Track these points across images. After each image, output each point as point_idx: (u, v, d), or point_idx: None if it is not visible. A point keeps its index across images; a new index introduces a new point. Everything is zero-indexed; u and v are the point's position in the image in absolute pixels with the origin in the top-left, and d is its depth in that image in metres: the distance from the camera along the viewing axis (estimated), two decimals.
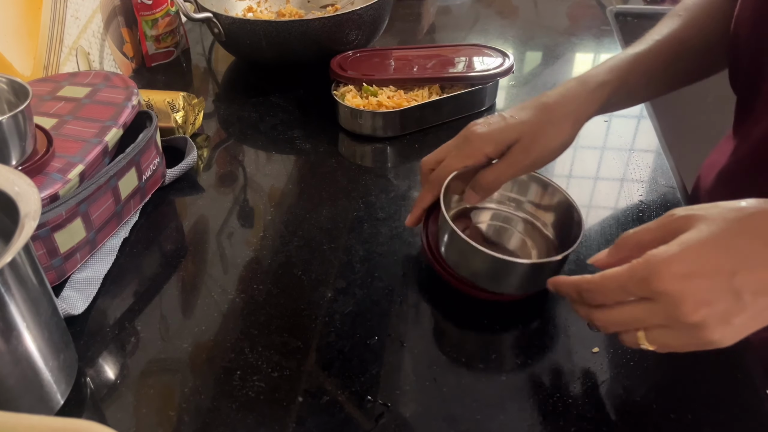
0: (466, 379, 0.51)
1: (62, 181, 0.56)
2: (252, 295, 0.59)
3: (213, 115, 0.90)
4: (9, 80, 0.57)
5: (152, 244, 0.65)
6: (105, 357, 0.53)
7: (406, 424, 0.47)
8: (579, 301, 0.47)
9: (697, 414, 0.48)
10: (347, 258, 0.63)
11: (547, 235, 0.62)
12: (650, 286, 0.40)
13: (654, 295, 0.40)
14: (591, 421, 0.47)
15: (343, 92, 0.85)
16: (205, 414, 0.48)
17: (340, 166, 0.78)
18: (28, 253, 0.43)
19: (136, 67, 1.02)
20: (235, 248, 0.65)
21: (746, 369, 0.51)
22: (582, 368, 0.51)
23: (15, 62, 0.74)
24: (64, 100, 0.67)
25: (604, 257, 0.47)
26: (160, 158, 0.70)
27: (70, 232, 0.56)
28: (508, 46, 1.08)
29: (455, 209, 0.63)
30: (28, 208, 0.42)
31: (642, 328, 0.42)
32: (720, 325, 0.39)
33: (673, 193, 0.71)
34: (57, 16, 0.82)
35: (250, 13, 1.09)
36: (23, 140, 0.55)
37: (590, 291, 0.45)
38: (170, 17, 1.00)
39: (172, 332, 0.55)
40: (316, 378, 0.51)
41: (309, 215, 0.69)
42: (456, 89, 0.85)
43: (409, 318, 0.56)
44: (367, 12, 0.91)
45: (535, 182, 0.62)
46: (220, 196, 0.73)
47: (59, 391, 0.48)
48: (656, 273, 0.40)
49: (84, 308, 0.56)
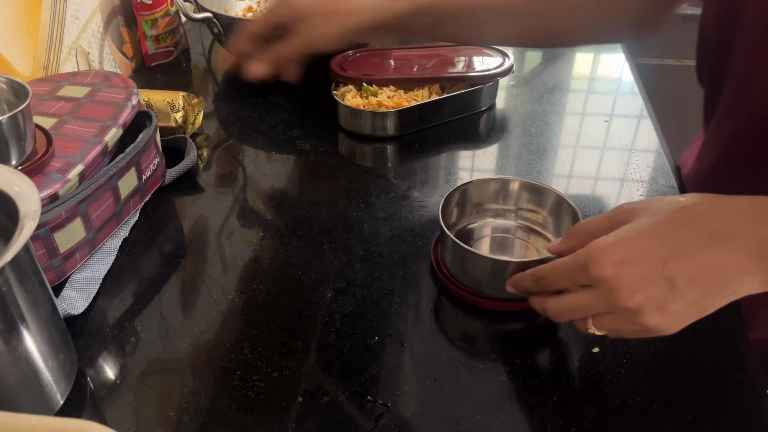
0: (466, 379, 0.51)
1: (62, 181, 0.56)
2: (252, 295, 0.59)
3: (213, 115, 0.90)
4: (9, 80, 0.57)
5: (152, 244, 0.65)
6: (105, 357, 0.53)
7: (406, 424, 0.47)
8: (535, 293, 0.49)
9: (697, 414, 0.48)
10: (347, 258, 0.63)
11: (547, 236, 0.62)
12: (589, 273, 0.42)
13: (593, 281, 0.42)
14: (591, 421, 0.47)
15: (343, 92, 0.85)
16: (205, 414, 0.48)
17: (340, 166, 0.78)
18: (27, 253, 0.43)
19: (135, 67, 1.02)
20: (235, 248, 0.65)
21: (746, 369, 0.51)
22: (582, 368, 0.51)
23: (15, 62, 0.74)
24: (64, 100, 0.67)
25: (557, 244, 0.50)
26: (160, 158, 0.70)
27: (69, 232, 0.56)
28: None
29: (456, 228, 0.64)
30: (28, 208, 0.42)
31: (590, 315, 0.44)
32: (656, 311, 0.41)
33: (673, 193, 0.71)
34: (57, 16, 0.82)
35: (250, 13, 1.09)
36: (23, 140, 0.55)
37: (543, 278, 0.47)
38: (170, 17, 1.00)
39: (172, 332, 0.55)
40: (316, 378, 0.51)
41: (309, 215, 0.69)
42: (456, 89, 0.85)
43: (409, 318, 0.56)
44: None
45: (526, 189, 0.63)
46: (220, 196, 0.73)
47: (59, 391, 0.48)
48: (594, 260, 0.42)
49: (84, 308, 0.56)
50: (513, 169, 0.77)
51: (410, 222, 0.67)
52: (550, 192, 0.61)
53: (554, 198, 0.61)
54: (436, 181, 0.75)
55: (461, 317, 0.57)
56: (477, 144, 0.82)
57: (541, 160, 0.78)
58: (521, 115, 0.88)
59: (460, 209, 0.64)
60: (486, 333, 0.55)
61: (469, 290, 0.57)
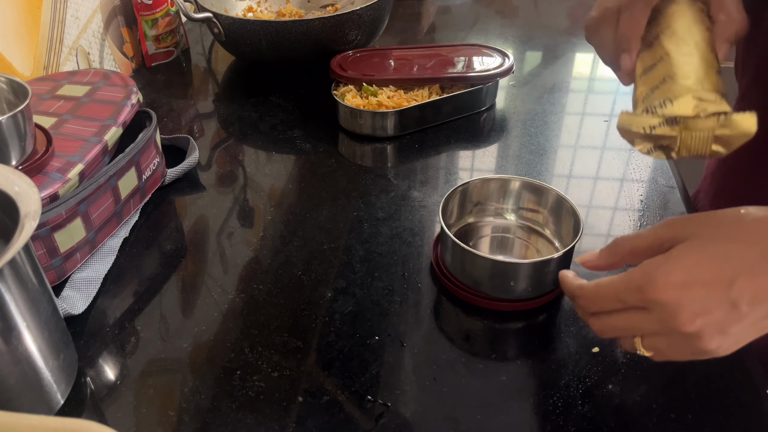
0: (466, 379, 0.51)
1: (62, 181, 0.56)
2: (252, 295, 0.59)
3: (213, 115, 0.90)
4: (8, 80, 0.57)
5: (152, 244, 0.65)
6: (105, 357, 0.53)
7: (406, 424, 0.47)
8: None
9: (697, 414, 0.48)
10: (347, 258, 0.63)
11: (547, 236, 0.62)
12: (646, 296, 0.40)
13: (649, 304, 0.40)
14: (591, 421, 0.47)
15: (343, 92, 0.85)
16: (205, 414, 0.48)
17: (340, 166, 0.78)
18: (28, 253, 0.43)
19: (136, 67, 1.02)
20: (235, 248, 0.65)
21: (746, 369, 0.51)
22: (582, 368, 0.51)
23: (15, 62, 0.74)
24: (64, 99, 0.67)
25: (594, 259, 0.47)
26: (160, 158, 0.70)
27: (69, 231, 0.56)
28: (508, 46, 1.08)
29: (456, 228, 0.64)
30: (28, 208, 0.42)
31: (638, 335, 0.42)
32: (717, 334, 0.39)
33: (673, 193, 0.71)
34: (57, 16, 0.82)
35: (250, 13, 1.09)
36: (23, 140, 0.55)
37: (584, 299, 0.45)
38: (170, 17, 1.00)
39: (172, 332, 0.55)
40: (316, 378, 0.51)
41: (309, 215, 0.69)
42: (456, 89, 0.85)
43: (409, 318, 0.56)
44: (367, 12, 0.91)
45: (526, 188, 0.63)
46: (220, 196, 0.73)
47: (59, 391, 0.48)
48: (652, 282, 0.39)
49: (84, 308, 0.56)
50: (513, 169, 0.77)
51: (410, 222, 0.67)
52: (550, 191, 0.61)
53: (554, 197, 0.61)
54: (436, 181, 0.75)
55: (461, 317, 0.57)
56: (477, 144, 0.82)
57: (541, 160, 0.78)
58: (521, 115, 0.88)
59: (460, 209, 0.64)
60: (486, 333, 0.55)
61: (468, 290, 0.57)
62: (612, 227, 0.67)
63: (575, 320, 0.55)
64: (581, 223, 0.56)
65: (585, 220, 0.63)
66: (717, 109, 0.42)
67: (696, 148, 0.44)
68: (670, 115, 0.43)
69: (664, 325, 0.40)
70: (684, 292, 0.39)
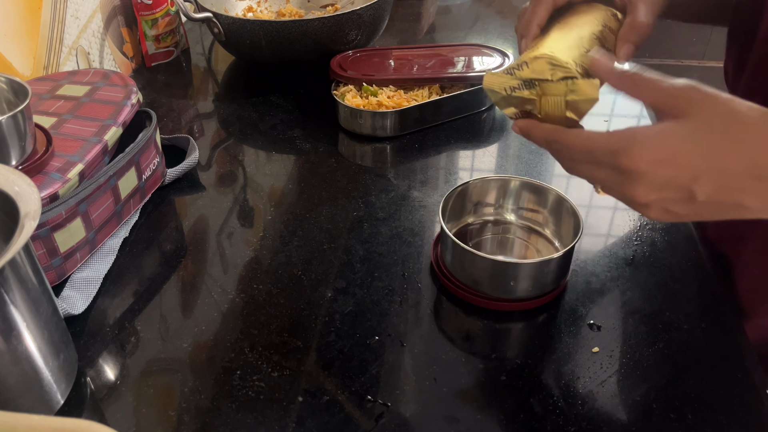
0: (466, 379, 0.51)
1: (62, 181, 0.56)
2: (252, 295, 0.59)
3: (213, 115, 0.90)
4: (8, 80, 0.57)
5: (152, 244, 0.65)
6: (105, 357, 0.53)
7: (406, 424, 0.47)
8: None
9: (697, 414, 0.48)
10: (347, 258, 0.63)
11: (547, 236, 0.62)
12: (618, 160, 0.41)
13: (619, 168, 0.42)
14: (591, 421, 0.47)
15: (343, 92, 0.85)
16: (205, 414, 0.48)
17: (340, 166, 0.78)
18: (28, 253, 0.43)
19: (136, 67, 1.02)
20: (235, 248, 0.65)
21: (746, 369, 0.51)
22: (582, 368, 0.51)
23: (15, 62, 0.74)
24: (63, 99, 0.67)
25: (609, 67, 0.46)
26: (160, 158, 0.70)
27: (69, 231, 0.56)
28: (508, 46, 1.08)
29: (456, 228, 0.64)
30: (28, 208, 0.42)
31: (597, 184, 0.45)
32: (660, 210, 0.42)
33: None
34: (57, 16, 0.82)
35: (250, 13, 1.09)
36: (23, 140, 0.55)
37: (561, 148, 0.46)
38: (170, 17, 1.00)
39: (172, 332, 0.55)
40: (316, 378, 0.51)
41: (309, 215, 0.69)
42: (456, 89, 0.85)
43: (409, 318, 0.56)
44: (367, 12, 0.91)
45: (526, 188, 0.63)
46: (220, 196, 0.73)
47: (59, 391, 0.48)
48: (627, 150, 0.41)
49: (84, 308, 0.56)
50: (513, 169, 0.77)
51: (410, 222, 0.67)
52: (550, 191, 0.61)
53: (554, 197, 0.61)
54: (436, 181, 0.75)
55: (461, 317, 0.57)
56: (477, 144, 0.82)
57: (541, 160, 0.78)
58: None
59: (460, 209, 0.64)
60: (486, 333, 0.55)
61: (468, 290, 0.57)
62: (612, 227, 0.67)
63: (575, 320, 0.55)
64: (581, 223, 0.56)
65: (585, 220, 0.63)
66: (566, 74, 0.45)
67: (553, 113, 0.47)
68: (526, 78, 0.46)
69: (621, 187, 0.42)
70: (652, 167, 0.40)
